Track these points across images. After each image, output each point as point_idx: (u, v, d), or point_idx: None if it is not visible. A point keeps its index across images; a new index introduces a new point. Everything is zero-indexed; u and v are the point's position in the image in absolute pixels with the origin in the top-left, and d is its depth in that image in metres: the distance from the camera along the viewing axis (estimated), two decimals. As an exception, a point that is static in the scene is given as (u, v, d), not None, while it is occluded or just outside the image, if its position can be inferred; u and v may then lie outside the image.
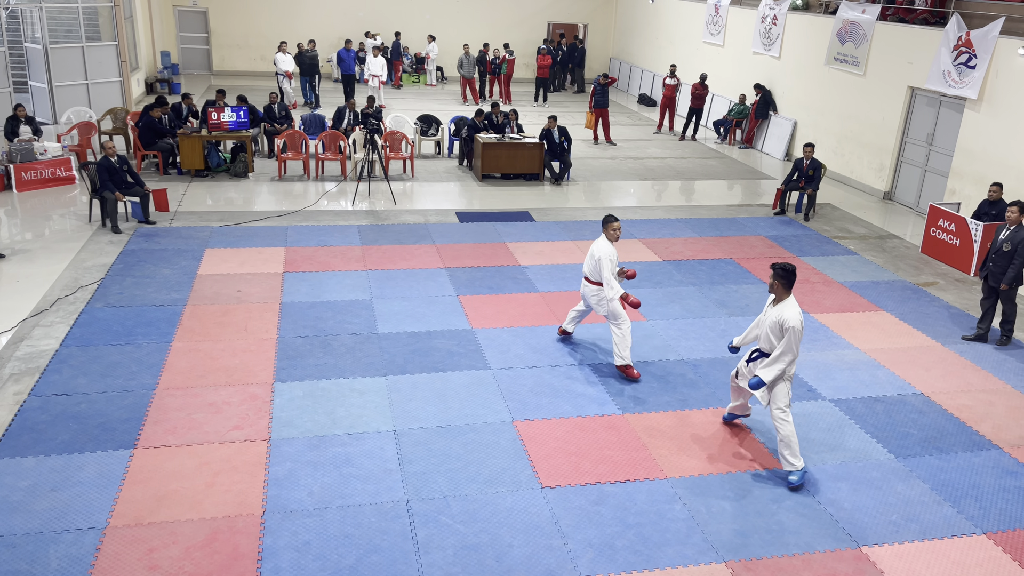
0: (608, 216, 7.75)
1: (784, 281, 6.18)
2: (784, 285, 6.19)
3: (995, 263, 8.76)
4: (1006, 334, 8.92)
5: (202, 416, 6.79)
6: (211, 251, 10.51)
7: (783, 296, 6.22)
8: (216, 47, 24.70)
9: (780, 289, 6.21)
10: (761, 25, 18.28)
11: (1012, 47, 11.79)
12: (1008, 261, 8.64)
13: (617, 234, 7.71)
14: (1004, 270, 8.67)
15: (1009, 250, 8.62)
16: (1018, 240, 8.56)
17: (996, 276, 8.75)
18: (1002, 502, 6.16)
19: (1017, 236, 8.58)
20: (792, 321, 6.03)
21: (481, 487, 6.03)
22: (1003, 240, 8.67)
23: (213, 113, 13.75)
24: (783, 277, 6.17)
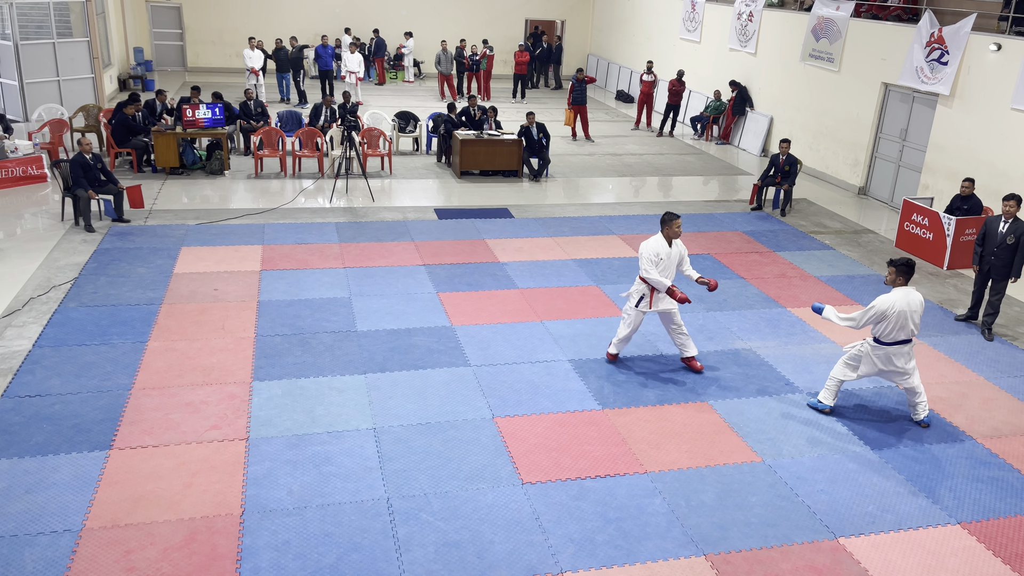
0: (666, 214, 7.52)
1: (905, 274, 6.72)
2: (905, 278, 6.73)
3: (997, 256, 8.89)
4: (987, 327, 9.05)
5: (179, 416, 6.72)
6: (187, 249, 10.40)
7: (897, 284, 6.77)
8: (190, 43, 24.44)
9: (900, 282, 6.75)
10: (737, 22, 18.39)
11: (983, 43, 11.96)
12: (1012, 254, 8.81)
13: (679, 232, 7.49)
14: (1007, 263, 8.85)
15: (1013, 243, 8.79)
16: (1021, 232, 8.75)
17: (999, 269, 8.92)
18: (976, 492, 6.25)
19: (1018, 229, 8.77)
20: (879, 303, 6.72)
21: (462, 484, 6.02)
22: (1005, 234, 8.83)
23: (188, 110, 13.60)
24: (905, 271, 6.71)
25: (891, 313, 6.64)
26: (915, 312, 6.67)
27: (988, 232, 9.00)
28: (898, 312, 6.63)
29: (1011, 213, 8.85)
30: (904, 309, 6.62)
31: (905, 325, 6.69)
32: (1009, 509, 6.06)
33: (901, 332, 6.72)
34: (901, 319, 6.65)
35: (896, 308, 6.63)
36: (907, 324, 6.69)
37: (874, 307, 6.72)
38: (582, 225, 12.20)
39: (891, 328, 6.70)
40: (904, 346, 6.81)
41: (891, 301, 6.65)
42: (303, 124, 15.43)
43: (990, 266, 8.98)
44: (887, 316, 6.66)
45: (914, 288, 6.77)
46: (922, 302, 6.71)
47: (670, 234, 7.51)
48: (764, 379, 7.82)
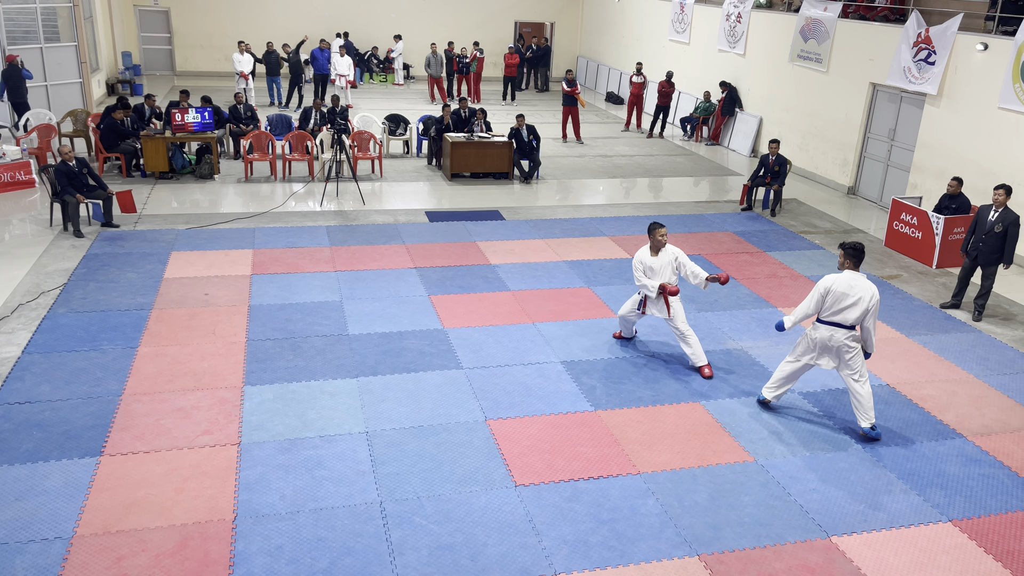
0: (650, 224, 7.79)
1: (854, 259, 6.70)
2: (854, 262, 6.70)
3: (986, 243, 9.20)
4: (979, 308, 9.40)
5: (170, 421, 6.69)
6: (177, 254, 10.36)
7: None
8: (179, 47, 24.36)
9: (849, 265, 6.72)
10: (726, 23, 18.46)
11: (970, 43, 12.04)
12: (999, 241, 9.11)
13: (663, 240, 7.72)
14: (995, 250, 9.16)
15: (1001, 231, 9.09)
16: (1009, 221, 9.07)
17: (987, 256, 9.21)
18: (967, 489, 6.28)
19: (1007, 217, 9.09)
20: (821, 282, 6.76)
21: (455, 487, 6.02)
22: (994, 222, 9.12)
23: (177, 114, 13.56)
24: (853, 256, 6.69)
25: (829, 293, 6.63)
26: (859, 299, 6.53)
27: (979, 220, 9.32)
28: (835, 292, 6.60)
29: (1001, 202, 9.14)
30: (844, 291, 6.56)
31: (843, 307, 6.58)
32: (1000, 506, 6.09)
33: (839, 314, 6.63)
34: (839, 300, 6.58)
35: (835, 288, 6.61)
36: (845, 307, 6.57)
37: (816, 287, 6.72)
38: (573, 227, 12.22)
39: (828, 307, 6.67)
40: (840, 330, 6.66)
41: (831, 280, 6.67)
42: (293, 128, 15.40)
43: (978, 252, 9.28)
44: (826, 294, 6.65)
45: (866, 277, 6.66)
46: (873, 295, 6.54)
47: (654, 243, 7.75)
48: (756, 379, 7.84)
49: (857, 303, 6.56)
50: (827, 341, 6.76)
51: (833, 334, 6.71)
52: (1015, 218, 9.13)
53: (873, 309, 6.58)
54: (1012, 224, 9.10)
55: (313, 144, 14.36)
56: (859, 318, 6.60)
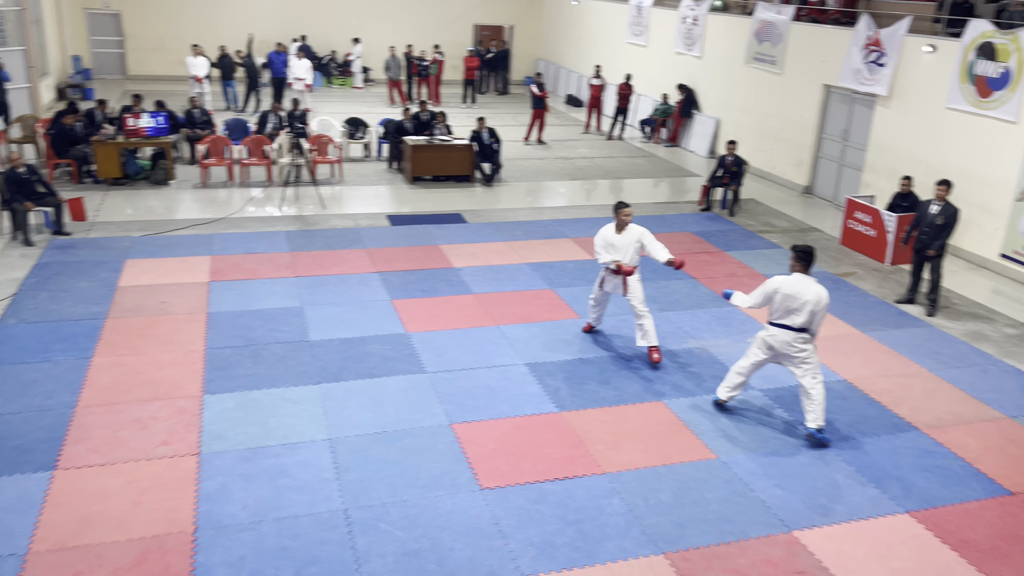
0: (616, 203, 8.05)
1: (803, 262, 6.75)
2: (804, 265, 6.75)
3: (928, 235, 9.53)
4: (932, 303, 9.67)
5: (127, 433, 6.55)
6: (132, 262, 10.15)
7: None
8: (131, 50, 23.89)
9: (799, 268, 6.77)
10: (682, 25, 18.67)
11: (918, 45, 12.34)
12: (940, 233, 9.44)
13: (627, 219, 7.98)
14: (936, 241, 9.48)
15: (941, 223, 9.42)
16: (949, 214, 9.40)
17: (929, 246, 9.54)
18: (922, 481, 6.43)
19: (948, 210, 9.42)
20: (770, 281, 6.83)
21: (420, 492, 5.98)
22: (935, 215, 9.46)
23: (130, 119, 13.29)
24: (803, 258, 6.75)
25: (777, 294, 6.69)
26: (806, 301, 6.56)
27: (921, 214, 9.67)
28: (783, 294, 6.65)
29: (942, 196, 9.50)
30: (791, 293, 6.60)
31: (791, 309, 6.63)
32: (955, 496, 6.24)
33: (787, 316, 6.68)
34: (787, 302, 6.63)
35: (783, 290, 6.66)
36: (793, 309, 6.62)
37: (765, 283, 6.81)
38: (535, 229, 12.25)
39: (776, 308, 6.74)
40: (789, 333, 6.70)
41: (780, 281, 6.73)
42: (250, 132, 15.19)
43: (921, 244, 9.62)
44: (774, 295, 6.72)
45: (816, 281, 6.67)
46: (821, 298, 6.56)
47: (618, 222, 8.01)
48: (717, 377, 7.92)
49: (804, 306, 6.60)
50: (777, 343, 6.83)
51: (782, 336, 6.77)
52: (955, 211, 9.45)
53: (820, 313, 6.62)
54: (952, 217, 9.43)
55: (271, 148, 14.18)
56: (807, 321, 6.64)
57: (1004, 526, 5.92)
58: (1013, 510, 6.11)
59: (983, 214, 11.42)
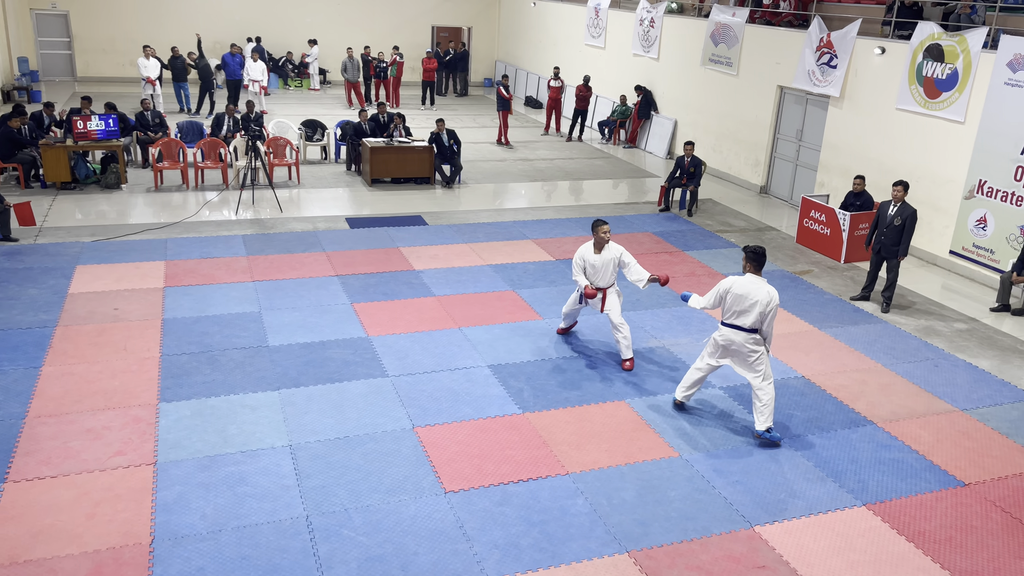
0: (596, 220, 8.02)
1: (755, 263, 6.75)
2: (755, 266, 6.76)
3: (888, 237, 9.70)
4: (887, 300, 9.91)
5: (79, 443, 6.37)
6: (83, 268, 9.90)
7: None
8: (79, 52, 23.32)
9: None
10: (640, 28, 18.83)
11: (869, 47, 12.61)
12: (899, 234, 9.60)
13: (605, 238, 7.89)
14: (896, 243, 9.65)
15: (899, 224, 9.58)
16: (906, 215, 9.58)
17: (890, 249, 9.72)
18: (879, 474, 6.56)
19: (905, 211, 9.60)
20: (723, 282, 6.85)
21: (383, 497, 5.92)
22: (893, 216, 9.63)
23: (79, 122, 12.97)
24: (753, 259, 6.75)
25: (728, 294, 6.75)
26: (756, 302, 6.59)
27: (880, 215, 9.81)
28: (734, 294, 6.69)
29: (899, 198, 9.66)
30: (741, 293, 6.64)
31: (741, 310, 6.67)
32: (909, 489, 6.38)
33: (738, 317, 6.72)
34: (737, 302, 6.68)
35: (733, 290, 6.70)
36: (743, 310, 6.66)
37: (718, 284, 6.85)
38: (496, 230, 12.23)
39: (727, 309, 6.79)
40: (740, 333, 6.74)
41: (732, 281, 6.76)
42: (205, 134, 14.94)
43: (881, 246, 9.79)
44: (725, 295, 6.78)
45: (767, 282, 6.70)
46: (771, 299, 6.58)
47: (597, 240, 7.95)
48: (678, 376, 7.99)
49: (753, 307, 6.62)
50: (729, 343, 6.88)
51: (734, 337, 6.81)
52: (912, 212, 9.61)
53: (770, 314, 6.65)
54: (909, 218, 9.59)
55: (227, 151, 13.96)
56: (756, 322, 6.67)
57: (958, 516, 6.06)
58: (966, 500, 6.26)
59: (933, 212, 11.71)
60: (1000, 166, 10.60)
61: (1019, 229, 10.46)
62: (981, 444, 7.05)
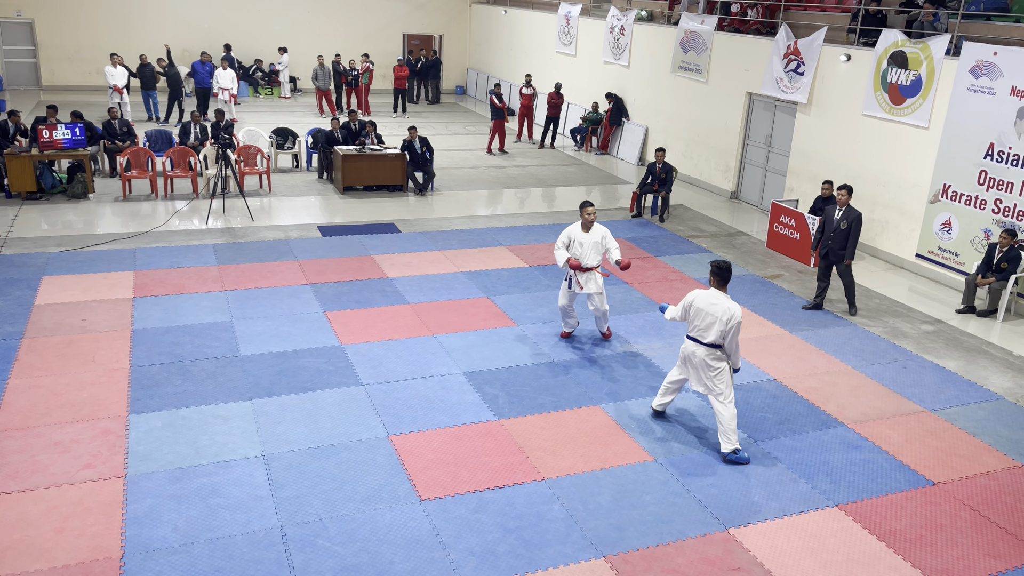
0: (582, 202, 8.36)
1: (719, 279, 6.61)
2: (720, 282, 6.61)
3: (834, 241, 9.79)
4: (851, 303, 10.04)
5: (47, 457, 6.26)
6: (49, 279, 9.74)
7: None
8: (45, 60, 22.98)
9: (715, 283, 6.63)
10: (610, 35, 18.97)
11: (834, 54, 12.82)
12: (845, 238, 9.70)
13: (590, 218, 8.28)
14: (842, 246, 9.74)
15: (846, 228, 9.68)
16: (852, 218, 9.69)
17: (837, 253, 9.82)
18: (850, 475, 6.64)
19: (850, 215, 9.71)
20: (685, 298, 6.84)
21: (358, 505, 5.89)
22: (839, 220, 9.74)
23: (44, 130, 12.78)
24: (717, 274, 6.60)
25: (691, 307, 6.68)
26: (716, 318, 6.49)
27: (826, 219, 9.96)
28: (696, 308, 6.63)
29: (844, 201, 9.79)
30: (703, 308, 6.57)
31: (703, 325, 6.59)
32: (880, 489, 6.47)
33: (700, 331, 6.63)
34: (699, 316, 6.60)
35: (696, 304, 6.63)
36: (704, 325, 6.58)
37: (686, 296, 6.78)
38: (470, 237, 12.23)
39: (691, 322, 6.71)
40: (701, 347, 6.64)
41: (695, 295, 6.66)
42: (174, 143, 14.78)
43: (828, 250, 9.91)
44: (689, 308, 6.72)
45: (729, 299, 6.56)
46: (731, 316, 6.45)
47: (584, 221, 8.32)
48: (652, 380, 8.05)
49: (714, 323, 6.52)
50: (690, 356, 6.79)
51: (695, 350, 6.72)
52: (857, 215, 9.69)
53: (732, 330, 6.50)
54: (855, 221, 9.67)
55: (196, 160, 13.82)
56: (717, 338, 6.54)
57: (927, 515, 6.16)
58: (935, 499, 6.36)
59: (899, 216, 11.92)
60: (964, 170, 10.82)
61: (983, 232, 10.67)
62: (949, 444, 7.18)
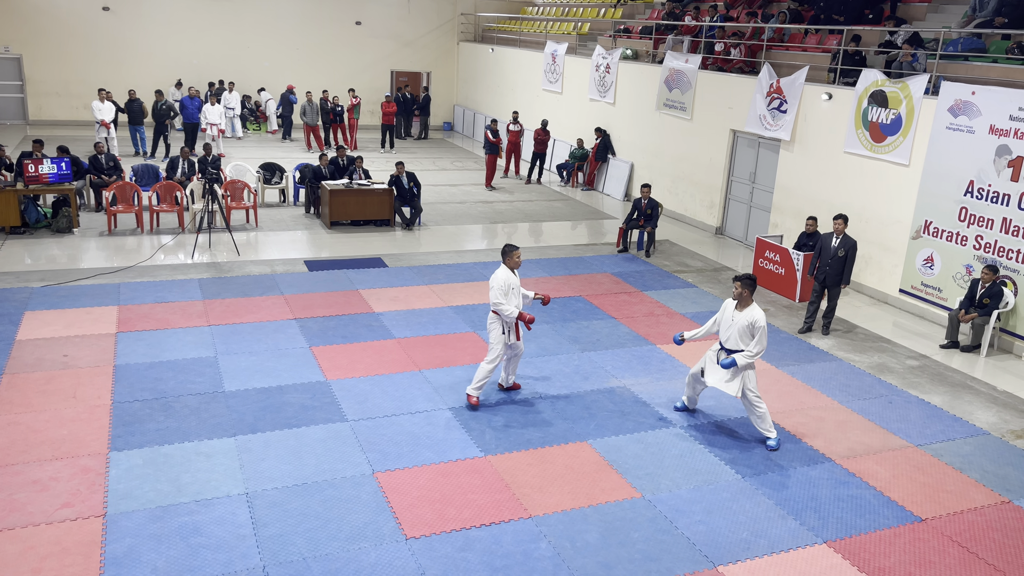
0: (506, 246, 7.89)
1: (751, 288, 7.33)
2: (751, 292, 7.33)
3: (831, 267, 10.24)
4: (827, 324, 10.51)
5: (25, 496, 6.14)
6: (31, 314, 9.64)
7: (748, 302, 7.36)
8: (32, 95, 23.02)
9: (747, 296, 7.33)
10: (596, 73, 19.24)
11: (816, 93, 13.04)
12: (843, 264, 10.19)
13: (517, 261, 7.90)
14: (839, 272, 10.23)
15: (843, 255, 10.17)
16: (848, 246, 10.18)
17: (833, 278, 10.29)
18: (838, 511, 6.61)
19: (847, 243, 10.20)
20: (761, 321, 7.28)
21: (343, 544, 5.79)
22: (836, 247, 10.19)
23: (30, 165, 12.75)
24: (750, 285, 7.33)
25: (719, 316, 7.65)
26: (734, 324, 7.36)
27: (823, 247, 10.39)
28: (715, 319, 7.70)
29: (840, 230, 10.27)
30: (718, 317, 7.61)
31: (721, 332, 7.54)
32: (868, 525, 6.44)
33: (722, 337, 7.54)
34: (718, 324, 7.60)
35: (718, 313, 7.66)
36: (721, 331, 7.54)
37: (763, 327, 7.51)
38: (457, 272, 12.24)
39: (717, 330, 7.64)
40: (721, 351, 7.55)
41: (723, 306, 7.60)
42: (160, 178, 14.77)
43: (825, 276, 10.30)
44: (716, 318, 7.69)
45: (733, 305, 7.45)
46: (741, 318, 7.30)
47: (512, 264, 7.85)
48: (639, 415, 8.02)
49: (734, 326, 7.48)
50: (712, 355, 7.71)
51: (716, 351, 7.70)
52: (853, 243, 10.25)
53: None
54: (852, 248, 10.21)
55: (183, 194, 13.81)
56: (737, 338, 7.45)
57: (916, 552, 6.13)
58: (923, 536, 6.34)
59: (882, 252, 12.04)
60: (944, 207, 10.97)
61: (965, 268, 10.79)
62: (936, 479, 7.17)
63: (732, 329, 7.39)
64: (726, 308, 7.54)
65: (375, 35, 26.17)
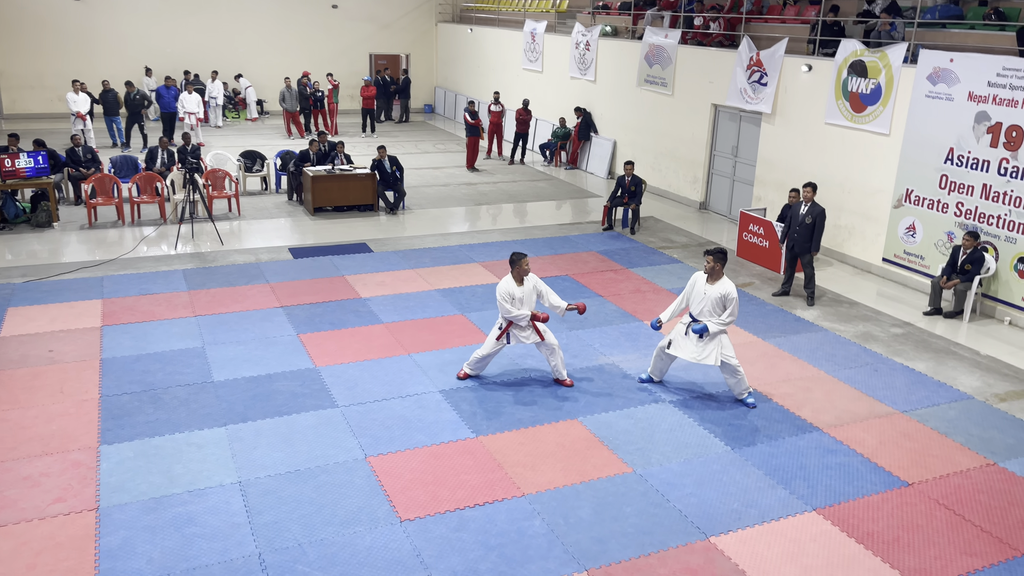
0: (514, 254, 7.79)
1: (722, 262, 7.51)
2: (722, 265, 7.51)
3: (800, 234, 10.45)
4: (810, 295, 10.63)
5: (16, 492, 6.12)
6: (14, 310, 9.56)
7: (720, 275, 7.54)
8: (5, 89, 22.66)
9: (719, 269, 7.51)
10: (576, 51, 19.15)
11: (796, 65, 13.05)
12: (811, 232, 10.36)
13: (527, 269, 7.81)
14: (807, 239, 10.43)
15: (810, 222, 10.36)
16: (816, 213, 10.39)
17: (802, 245, 10.50)
18: (827, 479, 6.70)
19: (815, 210, 10.41)
20: (734, 293, 7.49)
21: (338, 529, 5.82)
22: (804, 215, 10.43)
23: (6, 160, 12.58)
24: (721, 259, 7.50)
25: (687, 291, 7.85)
26: (706, 297, 7.54)
27: (792, 215, 10.62)
28: (684, 294, 7.89)
29: (808, 198, 10.51)
30: (687, 292, 7.79)
31: (693, 305, 7.74)
32: (856, 491, 6.53)
33: (694, 311, 7.73)
34: (688, 299, 7.83)
35: (687, 288, 7.84)
36: (693, 304, 7.73)
37: (735, 298, 7.68)
38: (443, 255, 12.22)
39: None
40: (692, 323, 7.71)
41: (692, 279, 7.80)
42: (139, 169, 14.62)
43: (794, 243, 10.53)
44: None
45: (704, 279, 7.64)
46: (713, 291, 7.49)
47: (519, 273, 7.81)
48: (628, 391, 8.07)
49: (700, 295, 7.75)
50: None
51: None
52: (821, 210, 10.45)
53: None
54: (819, 216, 10.42)
55: (163, 185, 13.68)
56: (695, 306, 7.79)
57: (903, 516, 6.23)
58: (910, 500, 6.44)
59: (865, 222, 12.12)
60: (925, 175, 11.04)
61: (946, 235, 10.89)
62: (922, 444, 7.28)
63: (705, 302, 7.53)
64: (696, 282, 7.68)
65: (352, 18, 25.90)
